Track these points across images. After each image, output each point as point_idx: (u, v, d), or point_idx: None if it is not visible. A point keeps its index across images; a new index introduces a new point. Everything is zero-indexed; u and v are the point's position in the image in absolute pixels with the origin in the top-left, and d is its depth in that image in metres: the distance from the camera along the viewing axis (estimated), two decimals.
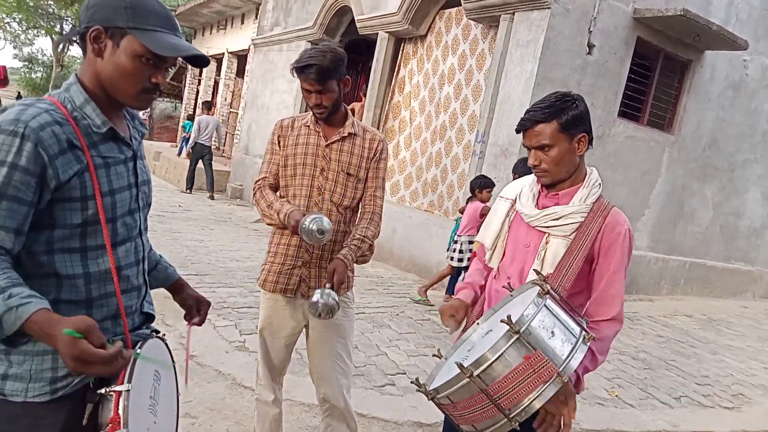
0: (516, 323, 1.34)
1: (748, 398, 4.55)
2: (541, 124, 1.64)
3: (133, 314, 1.43)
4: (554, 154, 1.66)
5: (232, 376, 3.48)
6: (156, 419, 1.34)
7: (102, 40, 1.25)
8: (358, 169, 2.28)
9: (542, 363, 1.34)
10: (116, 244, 1.32)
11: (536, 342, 1.36)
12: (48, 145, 1.17)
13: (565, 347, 1.40)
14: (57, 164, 1.18)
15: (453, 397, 1.42)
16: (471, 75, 7.09)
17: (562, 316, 1.47)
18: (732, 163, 8.34)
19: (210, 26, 16.48)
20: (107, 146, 1.31)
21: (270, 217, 2.20)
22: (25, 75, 38.70)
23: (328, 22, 9.63)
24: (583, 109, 1.67)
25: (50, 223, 1.22)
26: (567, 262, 1.63)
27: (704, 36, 6.73)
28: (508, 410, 1.36)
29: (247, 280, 5.49)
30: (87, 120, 1.27)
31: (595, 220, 1.66)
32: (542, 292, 1.47)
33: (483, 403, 1.37)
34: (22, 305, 1.06)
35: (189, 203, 10.29)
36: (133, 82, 1.27)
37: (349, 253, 2.18)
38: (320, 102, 2.15)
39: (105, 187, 1.27)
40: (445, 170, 7.34)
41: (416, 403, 3.43)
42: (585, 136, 1.68)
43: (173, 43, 1.27)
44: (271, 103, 11.42)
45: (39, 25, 32.15)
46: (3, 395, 1.22)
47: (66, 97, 1.27)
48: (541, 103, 1.67)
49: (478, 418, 1.41)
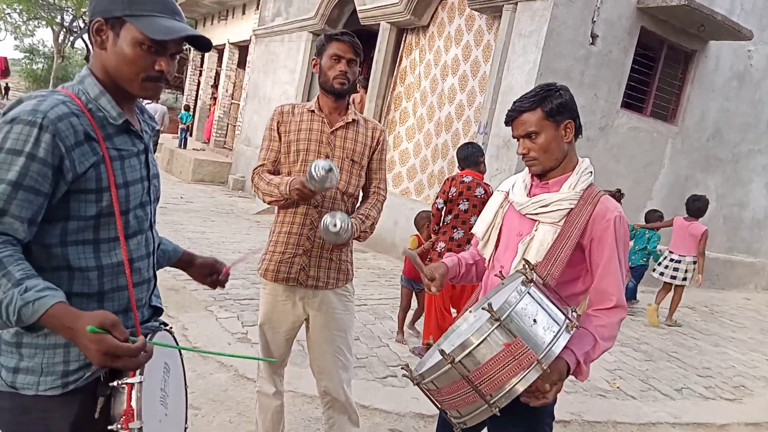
0: (497, 311, 1.36)
1: (749, 390, 4.55)
2: (527, 113, 1.69)
3: (143, 307, 1.43)
4: (541, 141, 1.68)
5: (234, 367, 3.49)
6: (167, 411, 1.34)
7: (104, 31, 1.26)
8: (361, 156, 2.28)
9: (522, 350, 1.35)
10: (128, 237, 1.32)
11: (517, 329, 1.37)
12: (66, 136, 1.17)
13: (547, 335, 1.41)
14: (74, 156, 1.19)
15: (437, 383, 1.45)
16: (477, 66, 7.04)
17: (546, 304, 1.47)
18: (736, 154, 8.30)
19: (211, 17, 16.40)
20: (121, 138, 1.31)
21: (270, 194, 2.18)
22: (26, 66, 38.61)
23: (330, 13, 9.58)
24: (568, 98, 1.70)
25: (65, 215, 1.22)
26: (556, 250, 1.64)
27: (708, 26, 6.67)
28: (489, 396, 1.38)
29: (249, 272, 5.50)
30: (102, 112, 1.27)
31: (585, 208, 1.66)
32: (526, 281, 1.48)
33: (465, 388, 1.40)
34: (39, 299, 1.06)
35: (191, 195, 10.29)
36: (136, 70, 1.26)
37: (356, 222, 2.15)
38: (346, 71, 2.18)
39: (120, 179, 1.28)
40: (453, 162, 7.29)
41: (418, 394, 3.43)
42: (571, 123, 1.70)
43: (168, 26, 1.25)
44: (272, 94, 11.38)
45: (40, 16, 32.03)
46: (14, 388, 1.23)
47: (80, 89, 1.27)
48: (526, 94, 1.71)
49: (462, 403, 1.43)
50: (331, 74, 2.18)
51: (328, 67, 2.19)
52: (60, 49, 31.89)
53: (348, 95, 2.27)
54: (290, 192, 2.08)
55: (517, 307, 1.39)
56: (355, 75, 2.22)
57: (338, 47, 2.17)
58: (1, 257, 1.10)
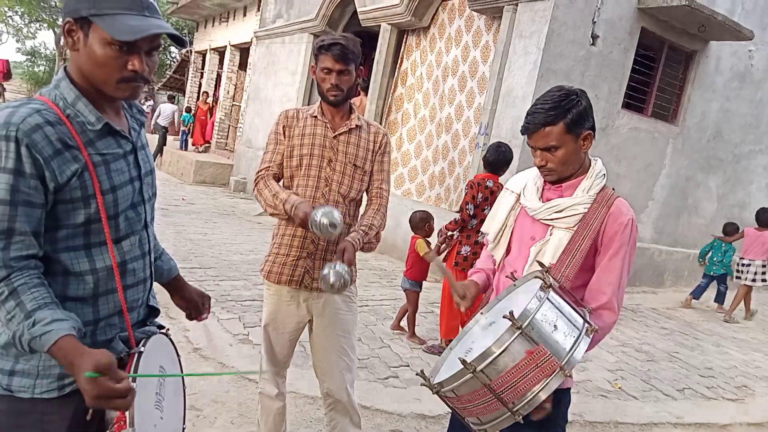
0: (518, 318, 1.34)
1: (751, 390, 4.54)
2: (549, 127, 1.62)
3: (139, 308, 1.42)
4: (561, 154, 1.65)
5: (236, 368, 3.49)
6: (162, 415, 1.34)
7: (75, 32, 1.21)
8: (364, 161, 2.28)
9: (545, 357, 1.34)
10: (119, 240, 1.31)
11: (539, 336, 1.36)
12: (41, 147, 1.14)
13: (568, 340, 1.40)
14: (53, 166, 1.16)
15: (457, 391, 1.43)
16: (476, 67, 7.06)
17: (565, 309, 1.46)
18: (737, 155, 8.29)
19: (212, 19, 16.41)
20: (104, 142, 1.27)
21: (274, 207, 2.17)
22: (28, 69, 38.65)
23: (331, 14, 9.59)
24: (586, 104, 1.66)
25: (54, 225, 1.21)
26: (570, 253, 1.62)
27: (709, 26, 6.67)
28: (512, 404, 1.36)
29: (251, 273, 5.50)
30: (81, 117, 1.23)
31: (599, 211, 1.65)
32: (545, 286, 1.46)
33: (486, 397, 1.38)
34: (45, 334, 1.10)
35: (192, 197, 10.30)
36: (108, 71, 1.21)
37: (357, 236, 2.17)
38: (338, 83, 2.16)
39: (106, 184, 1.25)
40: (453, 163, 7.32)
41: (419, 395, 3.44)
42: (590, 134, 1.68)
43: (132, 25, 1.18)
44: (273, 96, 11.39)
45: (41, 19, 32.10)
46: (10, 391, 1.22)
47: (57, 94, 1.23)
48: (545, 102, 1.64)
49: (483, 411, 1.42)
50: (324, 87, 2.20)
51: (320, 80, 2.20)
52: (61, 51, 31.87)
53: (346, 102, 2.26)
54: (293, 216, 2.09)
55: (538, 314, 1.38)
56: (350, 82, 2.19)
57: (327, 60, 2.15)
58: (17, 286, 1.13)
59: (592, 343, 1.62)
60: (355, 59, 2.18)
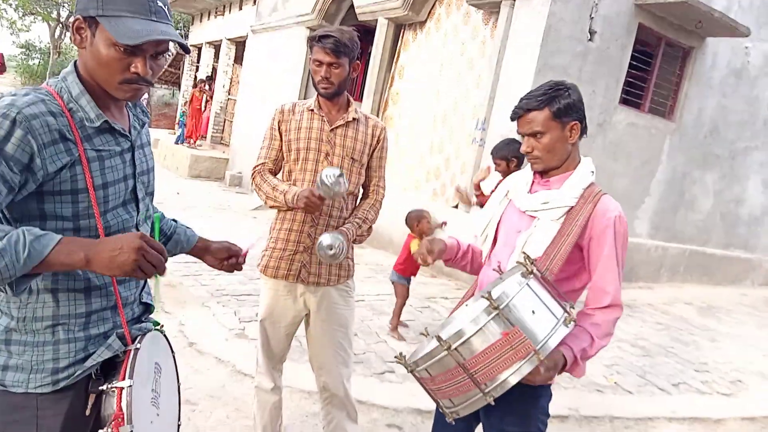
0: (496, 299, 1.36)
1: (745, 385, 4.57)
2: (534, 112, 1.67)
3: (132, 304, 1.42)
4: (546, 141, 1.68)
5: (231, 363, 3.49)
6: (159, 411, 1.34)
7: (83, 30, 1.23)
8: (361, 154, 2.28)
9: (520, 339, 1.36)
10: (110, 235, 1.30)
11: (516, 319, 1.37)
12: (39, 134, 1.15)
13: (545, 327, 1.41)
14: (45, 154, 1.16)
15: (431, 370, 1.45)
16: (472, 62, 7.04)
17: (545, 297, 1.48)
18: (733, 151, 8.31)
19: (208, 13, 16.33)
20: (102, 138, 1.28)
21: (275, 199, 2.19)
22: (23, 62, 38.37)
23: (327, 8, 9.54)
24: (576, 98, 1.69)
25: (39, 215, 1.21)
26: (556, 247, 1.65)
27: (706, 22, 6.67)
28: (484, 385, 1.38)
29: (246, 268, 5.48)
30: (82, 112, 1.24)
31: (585, 206, 1.67)
32: (526, 273, 1.48)
33: (460, 376, 1.40)
34: (44, 236, 1.09)
35: (188, 191, 10.27)
36: (110, 71, 1.23)
37: (351, 228, 2.20)
38: (328, 76, 2.14)
39: (98, 180, 1.26)
40: (449, 158, 7.31)
41: (415, 390, 3.43)
42: (577, 125, 1.70)
43: (136, 29, 1.19)
44: (269, 90, 11.34)
45: (36, 12, 31.84)
46: (4, 386, 1.22)
47: (63, 87, 1.25)
48: (535, 91, 1.69)
49: (455, 392, 1.43)
50: (315, 79, 2.19)
51: (313, 72, 2.20)
52: (56, 44, 31.71)
53: (340, 95, 2.24)
54: (297, 202, 2.09)
55: (516, 297, 1.40)
56: (341, 76, 2.16)
57: (319, 52, 2.14)
58: None
59: (602, 341, 1.65)
60: (349, 53, 2.15)
